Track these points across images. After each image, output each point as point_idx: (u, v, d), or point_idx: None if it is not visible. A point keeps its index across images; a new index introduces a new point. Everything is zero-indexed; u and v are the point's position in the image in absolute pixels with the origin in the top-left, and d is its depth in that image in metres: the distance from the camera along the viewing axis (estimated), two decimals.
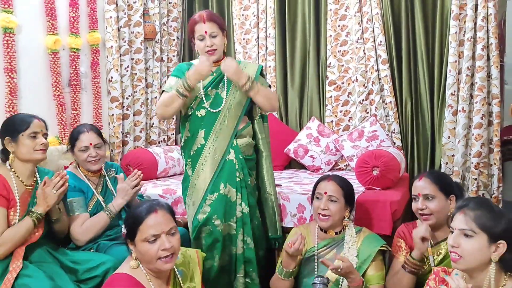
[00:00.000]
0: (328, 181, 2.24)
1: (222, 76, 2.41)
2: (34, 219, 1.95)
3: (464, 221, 1.52)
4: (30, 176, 2.09)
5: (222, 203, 2.33)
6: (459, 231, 1.53)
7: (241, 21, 4.22)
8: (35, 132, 2.06)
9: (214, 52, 2.36)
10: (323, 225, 2.20)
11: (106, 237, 2.31)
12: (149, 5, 3.95)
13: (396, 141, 3.68)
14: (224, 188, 2.34)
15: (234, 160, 2.37)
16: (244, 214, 2.36)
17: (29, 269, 1.90)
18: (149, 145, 3.94)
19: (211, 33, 2.32)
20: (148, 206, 1.73)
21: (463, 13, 3.42)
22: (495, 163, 3.35)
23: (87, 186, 2.37)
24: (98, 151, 2.39)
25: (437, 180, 2.06)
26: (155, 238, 1.68)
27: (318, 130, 3.87)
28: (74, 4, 3.31)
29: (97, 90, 3.54)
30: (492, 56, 3.32)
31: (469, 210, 1.53)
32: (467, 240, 1.51)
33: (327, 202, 2.18)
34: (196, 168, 2.38)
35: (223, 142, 2.37)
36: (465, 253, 1.50)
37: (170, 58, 4.19)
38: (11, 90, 2.81)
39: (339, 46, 3.91)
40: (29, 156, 2.05)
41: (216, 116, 2.37)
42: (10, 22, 2.79)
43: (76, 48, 3.32)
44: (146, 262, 1.70)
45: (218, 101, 2.38)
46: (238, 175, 2.36)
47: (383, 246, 2.14)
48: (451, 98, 3.45)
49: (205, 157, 2.37)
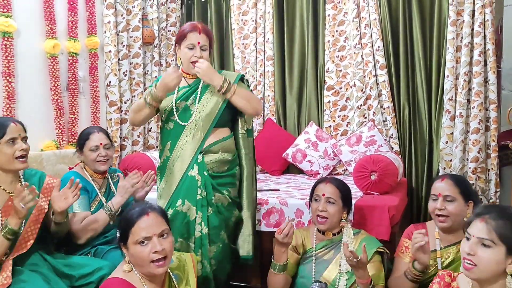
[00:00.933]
0: (326, 183, 2.25)
1: (197, 87, 2.34)
2: (6, 235, 1.80)
3: (485, 230, 1.45)
4: (13, 182, 1.97)
5: (178, 220, 2.23)
6: (478, 240, 1.46)
7: (239, 26, 4.23)
8: (13, 138, 1.93)
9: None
10: (321, 227, 2.21)
11: (103, 238, 2.31)
12: (148, 10, 3.96)
13: (394, 146, 3.69)
14: (182, 205, 2.24)
15: (196, 177, 2.26)
16: (202, 235, 2.24)
17: (24, 274, 1.86)
18: (147, 150, 3.94)
19: (202, 45, 2.28)
20: (140, 209, 1.72)
21: (461, 19, 3.44)
22: (492, 168, 3.36)
23: (91, 186, 2.39)
24: (107, 152, 2.42)
25: (459, 183, 2.03)
26: (147, 240, 1.67)
27: (316, 135, 3.88)
28: (73, 9, 3.32)
29: (95, 95, 3.54)
30: (489, 61, 3.33)
31: (491, 219, 1.46)
32: (485, 249, 1.45)
33: (325, 204, 2.19)
34: (163, 180, 2.34)
35: (187, 157, 2.28)
36: (481, 262, 1.44)
37: (168, 63, 4.19)
38: (8, 94, 2.81)
39: (337, 52, 3.92)
40: (8, 166, 1.93)
41: (183, 128, 2.30)
42: (9, 26, 2.79)
43: (74, 52, 3.32)
44: (139, 265, 1.69)
45: (187, 114, 2.31)
46: (200, 192, 2.24)
47: (379, 248, 2.14)
48: (448, 103, 3.46)
49: (169, 169, 2.31)
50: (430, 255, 1.94)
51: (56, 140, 3.16)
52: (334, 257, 2.17)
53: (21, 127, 2.00)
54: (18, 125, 1.98)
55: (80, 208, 2.27)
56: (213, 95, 2.32)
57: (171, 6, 4.21)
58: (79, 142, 2.46)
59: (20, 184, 1.96)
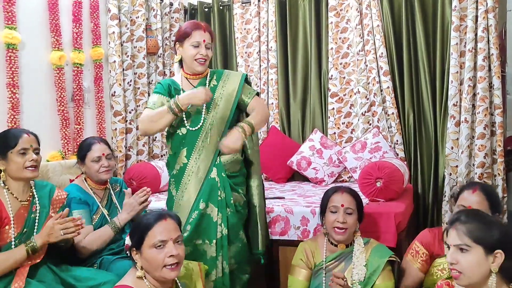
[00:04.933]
0: (342, 193, 2.19)
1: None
2: (29, 249, 1.88)
3: (457, 236, 1.50)
4: (24, 192, 2.03)
5: (204, 222, 2.25)
6: (455, 247, 1.51)
7: (242, 35, 4.25)
8: (24, 149, 1.98)
9: (205, 62, 2.30)
10: (339, 239, 2.14)
11: (109, 251, 2.30)
12: (152, 20, 3.99)
13: (399, 152, 3.67)
14: (206, 207, 2.25)
15: (216, 178, 2.27)
16: (223, 236, 2.25)
17: (32, 285, 1.87)
18: (152, 159, 3.95)
19: (207, 43, 2.28)
20: (158, 214, 1.75)
21: (464, 24, 3.44)
22: (499, 173, 3.34)
23: (92, 199, 2.38)
24: (110, 162, 2.42)
25: (489, 197, 1.99)
26: (163, 244, 1.68)
27: (320, 142, 3.87)
28: (78, 20, 3.35)
29: (100, 105, 3.56)
30: (494, 66, 3.32)
31: (461, 225, 1.51)
32: (464, 255, 1.49)
33: (345, 215, 2.13)
34: (180, 188, 2.31)
35: (206, 160, 2.29)
36: (465, 268, 1.48)
37: (172, 72, 4.21)
38: (13, 105, 2.82)
39: (340, 59, 3.92)
40: (18, 174, 1.98)
41: (197, 134, 2.29)
42: (13, 38, 2.81)
43: (79, 63, 3.34)
44: (152, 269, 1.69)
45: (198, 119, 2.30)
46: (220, 194, 2.26)
47: (392, 257, 2.11)
48: (453, 108, 3.44)
49: (188, 176, 2.29)
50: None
51: (62, 150, 3.17)
52: (345, 269, 2.12)
53: (34, 138, 2.05)
54: (31, 137, 2.04)
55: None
56: (222, 98, 2.33)
57: (174, 16, 4.24)
58: (80, 154, 2.43)
59: (32, 195, 2.04)
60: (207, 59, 2.30)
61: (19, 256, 1.88)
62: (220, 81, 2.37)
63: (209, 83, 2.35)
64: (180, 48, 2.32)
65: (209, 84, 2.35)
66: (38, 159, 2.03)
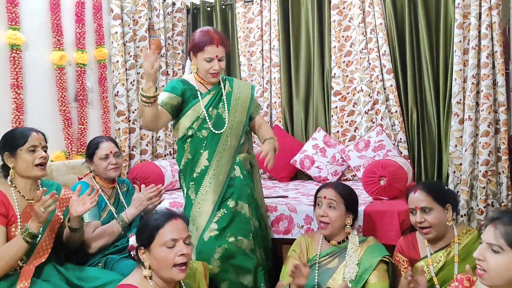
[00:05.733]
0: (327, 188, 2.23)
1: (221, 94, 2.42)
2: (26, 238, 1.83)
3: (493, 235, 1.45)
4: (32, 190, 2.06)
5: (238, 220, 2.32)
6: (487, 245, 1.46)
7: (245, 33, 4.25)
8: (34, 146, 2.02)
9: (218, 75, 2.39)
10: (323, 233, 2.20)
11: (114, 247, 2.32)
12: (154, 20, 3.99)
13: (403, 151, 3.66)
14: (236, 205, 2.33)
15: (241, 176, 2.37)
16: (255, 228, 2.38)
17: (37, 284, 1.88)
18: (156, 159, 3.95)
19: (220, 57, 2.34)
20: (168, 213, 1.76)
21: (467, 22, 3.42)
22: (503, 171, 3.32)
23: (101, 196, 2.40)
24: (117, 160, 2.47)
25: (431, 190, 2.06)
26: (174, 243, 1.69)
27: (324, 140, 3.87)
28: (80, 20, 3.36)
29: (105, 105, 3.57)
30: (497, 63, 3.30)
31: (501, 225, 1.45)
32: (494, 255, 1.44)
33: (326, 209, 2.17)
34: (200, 191, 2.35)
35: (226, 163, 2.37)
36: (491, 268, 1.44)
37: (175, 72, 4.21)
38: (17, 105, 2.84)
39: (343, 57, 3.92)
40: (28, 172, 2.01)
41: (219, 136, 2.37)
42: (17, 38, 2.83)
43: (82, 63, 3.35)
44: (161, 269, 1.69)
45: (220, 122, 2.37)
46: (247, 189, 2.38)
47: (385, 257, 2.10)
48: (457, 106, 3.43)
49: (209, 179, 2.34)
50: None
51: (65, 150, 3.18)
52: (339, 266, 2.13)
53: (42, 136, 2.10)
54: (39, 135, 2.08)
55: (91, 218, 2.29)
56: (238, 103, 2.43)
57: (177, 15, 4.24)
58: (89, 152, 2.49)
59: (39, 189, 2.01)
60: (220, 71, 2.37)
61: (18, 244, 1.84)
62: (233, 87, 2.48)
63: (224, 89, 2.44)
64: (194, 58, 2.38)
65: (224, 89, 2.44)
66: (46, 156, 2.07)
